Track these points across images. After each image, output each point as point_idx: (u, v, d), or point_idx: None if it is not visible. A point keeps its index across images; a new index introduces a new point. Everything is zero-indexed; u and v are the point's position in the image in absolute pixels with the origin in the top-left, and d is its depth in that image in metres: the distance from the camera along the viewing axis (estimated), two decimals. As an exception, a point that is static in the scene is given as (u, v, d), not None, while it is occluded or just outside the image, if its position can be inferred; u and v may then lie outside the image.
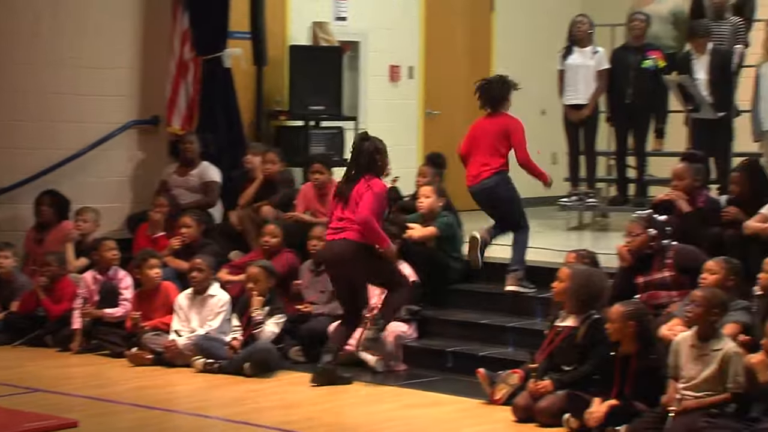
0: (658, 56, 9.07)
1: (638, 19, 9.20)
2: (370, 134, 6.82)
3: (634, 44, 9.21)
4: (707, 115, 8.61)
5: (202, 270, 7.40)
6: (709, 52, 8.67)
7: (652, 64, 9.04)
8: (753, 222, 6.56)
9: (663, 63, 9.04)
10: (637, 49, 9.16)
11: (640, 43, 9.18)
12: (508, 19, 11.13)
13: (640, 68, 9.05)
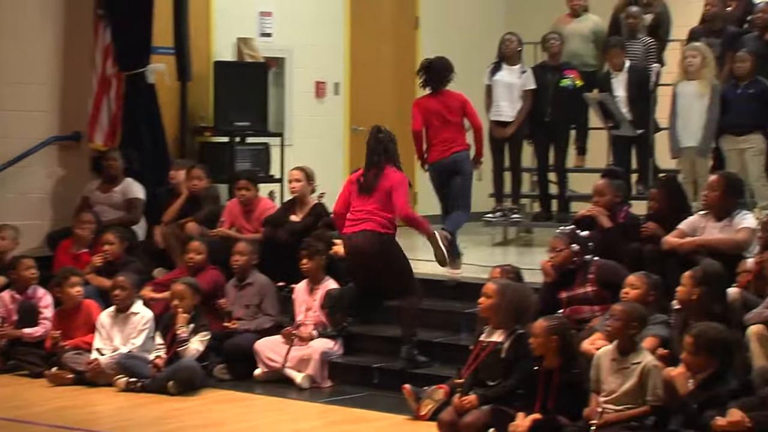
0: (575, 75, 9.24)
1: (553, 39, 9.37)
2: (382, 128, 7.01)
3: (551, 63, 9.38)
4: (627, 132, 8.79)
5: (125, 288, 7.33)
6: (627, 69, 8.85)
7: (569, 83, 9.21)
8: (671, 237, 6.69)
9: (580, 82, 9.21)
10: (555, 68, 9.33)
11: (557, 63, 9.35)
12: (433, 36, 11.15)
13: (558, 87, 9.22)
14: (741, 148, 8.36)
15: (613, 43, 8.96)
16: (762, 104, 8.29)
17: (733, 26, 8.99)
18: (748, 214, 6.72)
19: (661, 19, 9.42)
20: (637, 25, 9.21)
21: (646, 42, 9.25)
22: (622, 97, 8.81)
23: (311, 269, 7.48)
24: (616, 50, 8.90)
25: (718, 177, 6.85)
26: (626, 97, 8.77)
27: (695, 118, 8.42)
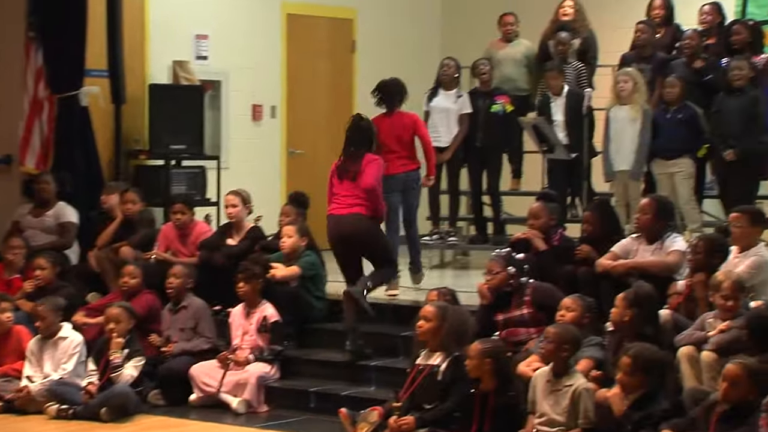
0: (505, 101, 9.33)
1: (482, 65, 9.48)
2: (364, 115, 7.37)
3: (482, 89, 9.48)
4: (561, 155, 8.86)
5: (44, 317, 7.21)
6: (566, 94, 8.96)
7: (499, 109, 9.30)
8: (604, 260, 6.76)
9: (510, 107, 9.32)
10: (486, 93, 9.43)
11: (488, 88, 9.45)
12: (370, 60, 11.18)
13: (489, 113, 9.32)
14: (671, 172, 8.49)
15: (550, 67, 9.08)
16: (690, 129, 8.44)
17: (662, 52, 9.16)
18: (678, 237, 6.82)
19: (588, 43, 9.49)
20: (566, 51, 9.36)
21: (577, 67, 9.39)
22: (560, 122, 8.88)
23: (248, 293, 7.46)
24: (553, 74, 9.01)
25: (649, 200, 6.94)
26: (564, 122, 8.86)
27: (627, 142, 8.53)
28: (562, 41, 9.35)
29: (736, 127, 8.29)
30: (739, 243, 6.41)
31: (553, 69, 8.96)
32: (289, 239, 7.79)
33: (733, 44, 8.74)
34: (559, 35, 9.39)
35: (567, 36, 9.36)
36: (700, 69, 8.75)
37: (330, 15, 10.97)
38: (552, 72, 8.98)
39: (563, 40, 9.34)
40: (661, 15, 9.35)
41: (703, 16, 9.23)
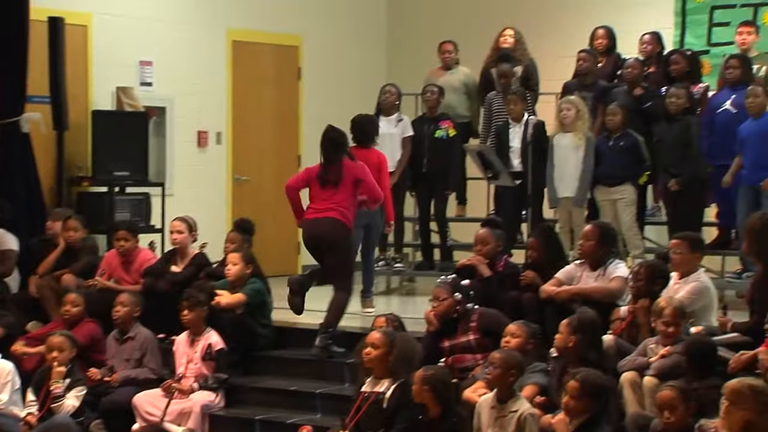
0: (448, 126, 9.38)
1: (431, 91, 9.53)
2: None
3: (429, 115, 9.53)
4: (506, 182, 8.91)
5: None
6: (525, 122, 8.96)
7: (443, 134, 9.35)
8: (548, 286, 6.83)
9: (453, 131, 9.37)
10: (432, 119, 9.48)
11: (434, 114, 9.50)
12: (316, 87, 11.15)
13: (433, 138, 9.36)
14: (613, 199, 8.58)
15: (513, 92, 9.10)
16: (632, 156, 8.54)
17: (603, 81, 9.29)
18: (620, 264, 6.89)
19: (529, 71, 9.57)
20: (510, 79, 9.45)
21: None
22: (517, 149, 8.87)
23: (192, 320, 7.41)
24: (515, 98, 8.96)
25: (592, 227, 7.01)
26: (520, 149, 8.84)
27: (571, 169, 8.63)
28: (504, 74, 9.44)
29: (674, 154, 8.43)
30: (679, 269, 6.51)
31: (516, 94, 9.00)
32: (234, 266, 7.77)
33: (672, 73, 8.91)
34: (501, 67, 9.48)
35: (508, 67, 9.45)
36: (640, 97, 8.89)
37: (275, 42, 11.00)
38: (514, 97, 9.00)
39: (505, 73, 9.43)
40: (604, 44, 9.50)
41: (644, 46, 9.37)
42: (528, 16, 10.47)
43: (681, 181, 8.38)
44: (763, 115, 8.15)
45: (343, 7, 11.57)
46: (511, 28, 9.74)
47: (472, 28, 10.75)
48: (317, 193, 7.45)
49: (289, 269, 10.96)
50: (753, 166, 8.18)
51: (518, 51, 9.64)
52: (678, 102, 8.45)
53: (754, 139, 8.15)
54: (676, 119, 8.42)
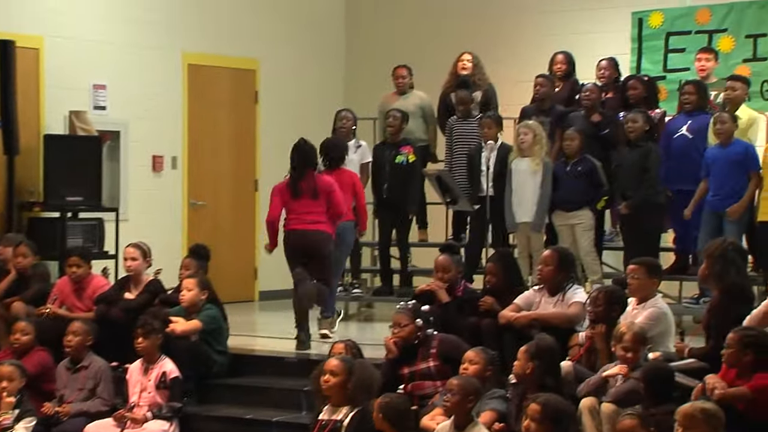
0: (409, 151, 9.39)
1: (393, 116, 9.55)
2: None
3: (390, 140, 9.53)
4: (464, 207, 8.94)
5: None
6: (499, 147, 8.94)
7: (403, 159, 9.36)
8: (507, 312, 6.85)
9: (413, 157, 9.38)
10: (393, 145, 9.49)
11: (396, 140, 9.51)
12: (273, 111, 11.13)
13: (394, 164, 9.38)
14: (571, 224, 8.62)
15: (488, 116, 9.10)
16: (589, 181, 8.60)
17: (561, 106, 9.29)
18: (579, 289, 6.92)
19: (488, 96, 9.61)
20: (468, 108, 9.48)
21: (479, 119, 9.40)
22: (489, 173, 8.79)
23: (146, 348, 7.34)
24: (488, 122, 8.95)
25: (550, 252, 7.03)
26: (492, 173, 8.78)
27: (529, 194, 8.67)
28: (462, 100, 9.46)
29: (632, 180, 8.50)
30: (636, 294, 6.54)
31: (490, 118, 9.02)
32: (189, 292, 7.72)
33: (629, 99, 8.98)
34: (459, 94, 9.51)
35: (467, 93, 9.48)
36: (598, 123, 8.96)
37: (232, 65, 11.01)
38: (488, 120, 9.00)
39: (464, 99, 9.45)
40: (563, 69, 9.57)
41: (601, 71, 9.43)
42: (485, 41, 10.55)
43: (631, 204, 8.44)
44: (730, 143, 8.23)
45: (301, 30, 11.58)
46: (468, 53, 9.76)
47: (429, 52, 10.83)
48: (294, 205, 7.98)
49: (245, 295, 11.00)
50: (719, 193, 8.26)
51: (477, 75, 9.68)
52: (636, 126, 8.52)
53: (721, 165, 8.24)
54: (637, 145, 8.50)
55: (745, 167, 8.18)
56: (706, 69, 9.05)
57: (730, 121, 8.23)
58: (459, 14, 11.29)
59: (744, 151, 8.21)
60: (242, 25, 11.03)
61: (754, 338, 5.56)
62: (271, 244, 8.15)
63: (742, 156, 8.19)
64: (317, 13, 11.77)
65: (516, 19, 11.02)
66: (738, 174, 8.18)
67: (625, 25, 10.20)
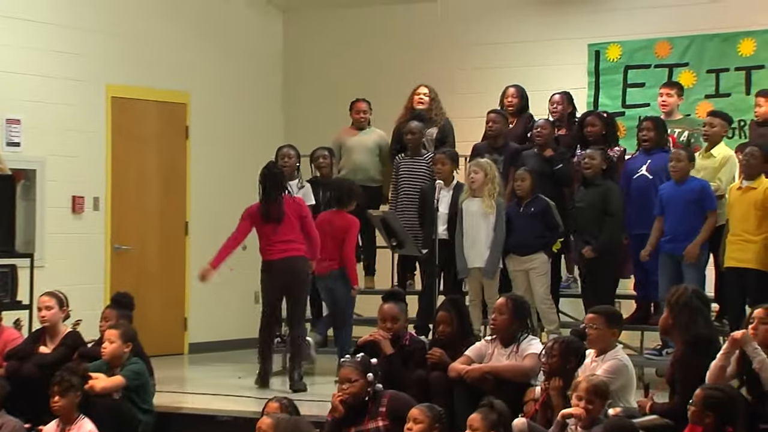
0: None
1: (322, 156, 9.63)
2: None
3: (323, 181, 9.59)
4: (412, 251, 8.94)
5: None
6: (455, 186, 9.01)
7: None
8: (457, 364, 6.83)
9: None
10: (326, 185, 9.52)
11: (329, 179, 9.56)
12: (205, 147, 11.18)
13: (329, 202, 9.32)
14: (526, 269, 8.71)
15: (443, 151, 9.10)
16: (543, 222, 8.68)
17: (515, 142, 9.46)
18: (534, 340, 6.94)
19: (445, 132, 9.68)
20: (416, 140, 9.48)
21: (428, 158, 9.42)
22: (444, 215, 8.84)
23: (63, 407, 7.20)
24: (443, 158, 8.97)
25: (504, 300, 7.04)
26: (447, 215, 8.80)
27: (482, 237, 8.74)
28: (410, 130, 9.51)
29: (591, 221, 8.58)
30: (595, 346, 6.54)
31: (444, 154, 9.05)
32: (111, 345, 7.61)
33: (587, 136, 9.09)
34: (410, 125, 9.55)
35: (418, 125, 9.52)
36: (550, 158, 9.05)
37: (160, 99, 11.02)
38: (442, 156, 9.01)
39: (413, 130, 9.50)
40: (515, 104, 9.70)
41: (554, 106, 9.60)
42: (435, 74, 10.59)
43: (596, 247, 8.48)
44: (686, 181, 8.31)
45: (236, 62, 11.63)
46: (425, 86, 9.85)
47: (376, 84, 10.97)
48: (265, 231, 8.42)
49: (174, 347, 10.92)
50: (674, 234, 8.33)
51: (434, 111, 9.77)
52: (593, 164, 8.61)
53: (676, 205, 8.33)
54: (595, 184, 8.59)
55: (701, 206, 8.26)
56: (668, 104, 9.14)
57: (686, 159, 8.32)
58: (406, 45, 11.39)
59: (700, 188, 8.30)
60: (171, 55, 11.06)
61: (717, 400, 5.59)
62: (215, 261, 8.48)
63: (698, 194, 8.28)
64: (252, 43, 11.82)
65: (466, 51, 11.12)
66: (694, 214, 8.28)
67: (582, 57, 10.47)
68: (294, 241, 8.36)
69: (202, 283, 8.81)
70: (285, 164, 9.38)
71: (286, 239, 8.33)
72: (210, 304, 11.07)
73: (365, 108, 9.95)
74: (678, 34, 10.06)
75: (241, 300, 11.13)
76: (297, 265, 8.36)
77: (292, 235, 8.35)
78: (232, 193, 10.95)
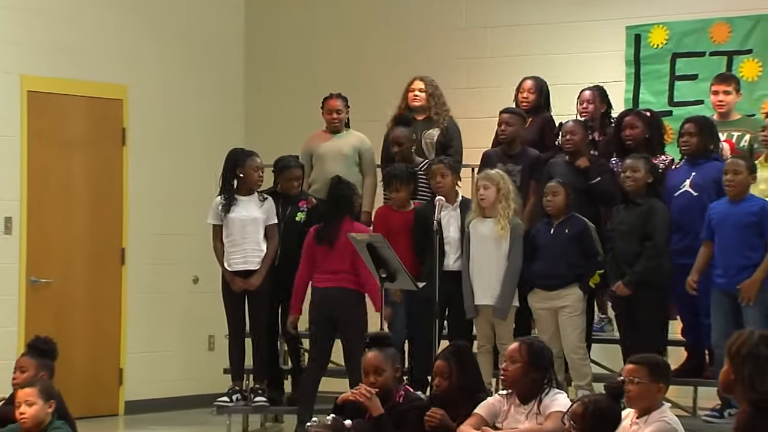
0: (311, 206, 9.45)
1: (296, 177, 9.58)
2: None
3: (284, 192, 9.57)
4: (405, 285, 8.78)
5: None
6: (461, 203, 9.01)
7: (303, 217, 9.43)
8: (466, 426, 6.78)
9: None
10: (286, 197, 9.54)
11: (291, 192, 9.56)
12: (147, 156, 11.19)
13: (294, 221, 9.43)
14: (555, 307, 8.65)
15: (440, 160, 9.08)
16: (580, 249, 8.61)
17: (534, 148, 9.41)
18: (559, 394, 6.86)
19: (450, 134, 9.66)
20: (404, 151, 9.42)
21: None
22: (454, 239, 8.88)
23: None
24: (441, 168, 8.97)
25: (517, 345, 6.94)
26: (459, 240, 8.85)
27: (492, 268, 8.73)
28: (398, 140, 9.48)
29: (629, 248, 8.55)
30: (636, 404, 6.39)
31: (443, 163, 9.03)
32: (31, 409, 7.51)
33: (626, 141, 9.03)
34: (394, 132, 9.52)
35: (403, 133, 9.48)
36: (586, 170, 9.01)
37: (90, 93, 10.95)
38: (439, 167, 9.00)
39: (399, 138, 9.48)
40: (531, 100, 9.70)
41: (583, 105, 9.61)
42: (429, 65, 10.57)
43: (631, 282, 8.45)
44: (743, 199, 8.30)
45: (186, 47, 11.64)
46: (420, 79, 9.84)
47: (360, 78, 11.00)
48: (319, 255, 9.08)
49: (107, 407, 10.88)
50: (727, 267, 8.30)
51: (433, 109, 9.76)
52: (637, 177, 8.56)
53: (730, 229, 8.30)
54: (635, 203, 8.55)
55: (761, 231, 8.23)
56: (725, 104, 9.15)
57: (745, 170, 8.28)
58: (398, 29, 11.41)
59: (760, 209, 8.26)
60: (104, 39, 11.03)
61: None
62: (294, 310, 9.19)
63: (758, 216, 8.24)
64: (206, 24, 11.83)
65: (472, 36, 11.11)
66: (751, 240, 8.21)
67: (618, 43, 10.41)
68: (346, 272, 8.97)
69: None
70: (259, 179, 9.46)
71: (340, 269, 8.96)
72: (152, 352, 11.07)
73: (339, 106, 9.92)
74: (739, 14, 10.03)
75: (192, 346, 11.13)
76: (343, 295, 9.01)
77: (345, 265, 8.95)
78: (180, 210, 11.04)
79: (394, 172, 9.27)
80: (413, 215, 9.21)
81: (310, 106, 10.27)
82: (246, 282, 9.33)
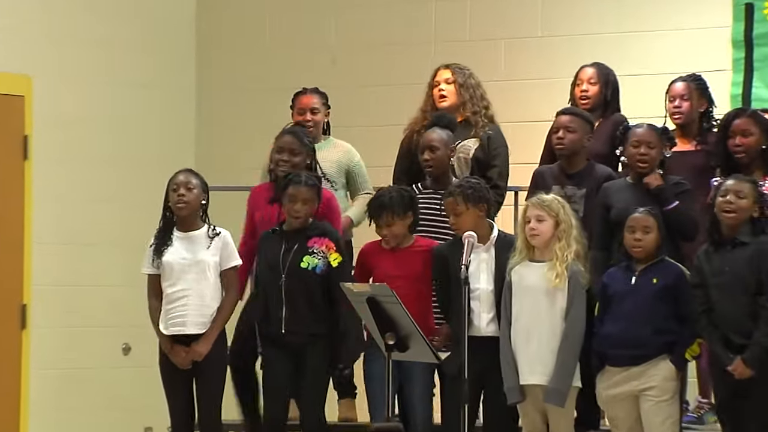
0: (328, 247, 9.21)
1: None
2: None
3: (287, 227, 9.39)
4: (423, 356, 8.61)
5: None
6: (496, 240, 8.97)
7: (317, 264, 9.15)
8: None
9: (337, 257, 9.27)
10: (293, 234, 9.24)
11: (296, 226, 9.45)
12: (58, 169, 11.19)
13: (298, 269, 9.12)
14: (635, 391, 8.54)
15: (451, 192, 8.97)
16: (673, 308, 8.50)
17: (603, 164, 9.35)
18: None
19: (491, 146, 9.66)
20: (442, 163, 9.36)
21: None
22: (487, 291, 8.85)
23: None
24: (451, 204, 8.95)
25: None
26: (493, 292, 8.87)
27: (544, 333, 8.63)
28: (430, 145, 9.38)
29: (734, 306, 8.38)
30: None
31: (454, 194, 8.92)
32: None
33: (735, 153, 8.97)
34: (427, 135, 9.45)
35: (440, 136, 9.36)
36: (659, 191, 8.89)
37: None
38: (451, 200, 8.92)
39: (432, 143, 9.38)
40: (593, 96, 9.78)
41: (675, 101, 9.58)
42: (453, 50, 10.79)
43: (750, 359, 8.24)
44: None
45: (114, 26, 11.70)
46: (447, 68, 9.86)
47: (340, 79, 11.23)
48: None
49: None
50: None
51: (469, 106, 9.78)
52: (741, 206, 8.40)
53: None
54: (739, 241, 8.40)
55: None
56: None
57: None
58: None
59: None
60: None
61: None
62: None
63: None
64: (150, 10, 11.95)
65: (509, 10, 11.27)
66: None
67: (723, 18, 10.50)
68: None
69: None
70: (179, 200, 9.19)
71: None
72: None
73: (316, 104, 9.94)
74: None
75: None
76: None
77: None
78: (105, 253, 11.31)
79: (382, 200, 9.17)
80: (431, 257, 9.10)
81: (280, 102, 10.23)
82: (190, 351, 8.98)
